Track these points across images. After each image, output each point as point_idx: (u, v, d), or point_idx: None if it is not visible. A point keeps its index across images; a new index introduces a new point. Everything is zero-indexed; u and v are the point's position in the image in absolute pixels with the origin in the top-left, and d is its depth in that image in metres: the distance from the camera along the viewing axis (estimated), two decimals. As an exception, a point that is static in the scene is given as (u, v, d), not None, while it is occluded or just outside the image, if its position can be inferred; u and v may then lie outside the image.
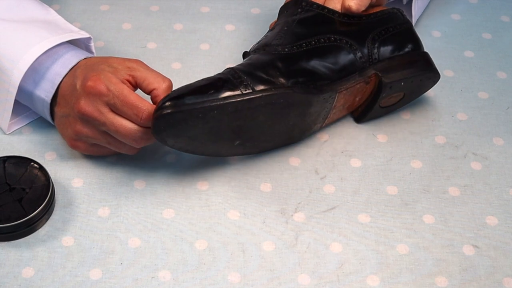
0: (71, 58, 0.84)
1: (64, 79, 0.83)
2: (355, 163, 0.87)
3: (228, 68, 0.82)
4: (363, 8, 0.87)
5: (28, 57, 0.82)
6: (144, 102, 0.79)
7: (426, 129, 0.91)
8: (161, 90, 0.81)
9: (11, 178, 0.81)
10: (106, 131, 0.80)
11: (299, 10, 0.87)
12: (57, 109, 0.83)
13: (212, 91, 0.77)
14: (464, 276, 0.78)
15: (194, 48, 1.00)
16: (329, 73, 0.84)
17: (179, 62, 0.98)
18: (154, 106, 0.80)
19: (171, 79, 0.83)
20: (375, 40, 0.86)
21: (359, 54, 0.85)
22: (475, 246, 0.80)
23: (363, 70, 0.85)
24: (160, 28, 1.02)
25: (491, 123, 0.92)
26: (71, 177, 0.85)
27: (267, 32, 0.89)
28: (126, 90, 0.79)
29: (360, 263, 0.78)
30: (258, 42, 0.87)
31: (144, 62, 0.83)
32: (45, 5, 0.90)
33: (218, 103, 0.77)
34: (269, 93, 0.79)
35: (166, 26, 1.03)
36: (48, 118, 0.85)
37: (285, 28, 0.86)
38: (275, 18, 1.04)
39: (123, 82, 0.80)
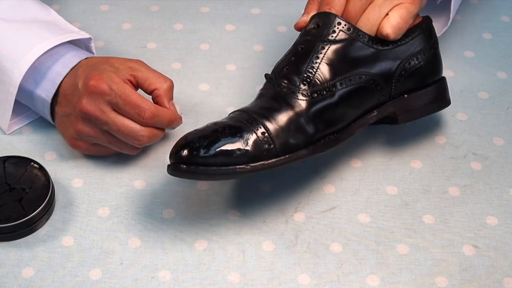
0: (72, 58, 0.84)
1: (65, 78, 0.83)
2: (355, 163, 0.87)
3: (253, 114, 0.77)
4: (400, 36, 0.82)
5: (29, 57, 0.82)
6: (146, 102, 0.79)
7: (426, 129, 0.91)
8: (162, 90, 0.82)
9: (11, 178, 0.81)
10: (108, 131, 0.80)
11: (331, 31, 0.79)
12: (58, 109, 0.84)
13: (237, 153, 0.75)
14: (464, 276, 0.78)
15: (194, 48, 1.00)
16: (351, 117, 0.81)
17: (179, 62, 0.98)
18: (156, 105, 0.80)
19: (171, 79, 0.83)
20: (401, 75, 0.83)
21: (382, 92, 0.82)
22: (475, 246, 0.80)
23: (382, 107, 0.83)
24: (160, 28, 1.02)
25: (491, 123, 0.92)
26: (71, 177, 0.85)
27: (293, 47, 0.81)
28: (128, 90, 0.79)
29: (360, 263, 0.78)
30: (286, 67, 0.80)
31: (145, 62, 0.84)
32: (45, 5, 0.90)
33: (241, 172, 0.75)
34: (292, 160, 0.77)
35: (166, 26, 1.03)
36: (49, 118, 0.85)
37: (316, 56, 0.79)
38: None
39: (124, 82, 0.80)
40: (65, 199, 0.82)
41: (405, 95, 0.84)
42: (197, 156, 0.74)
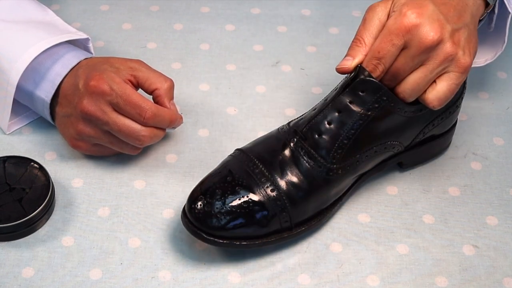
0: (72, 58, 0.84)
1: (66, 79, 0.83)
2: (355, 163, 0.87)
3: (269, 180, 0.76)
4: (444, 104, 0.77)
5: (26, 57, 0.82)
6: (147, 102, 0.79)
7: (426, 129, 0.91)
8: (163, 90, 0.82)
9: (11, 178, 0.81)
10: (109, 131, 0.80)
11: (374, 102, 0.75)
12: (58, 109, 0.84)
13: (254, 231, 0.75)
14: (464, 276, 0.78)
15: (194, 48, 1.00)
16: (361, 173, 0.81)
17: (179, 62, 0.98)
18: (157, 105, 0.80)
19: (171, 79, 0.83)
20: (424, 133, 0.82)
21: (400, 150, 0.81)
22: (475, 246, 0.80)
23: (394, 158, 0.83)
24: (160, 28, 1.02)
25: (491, 123, 0.92)
26: (71, 177, 0.85)
27: (332, 107, 0.76)
28: (129, 90, 0.79)
29: (360, 263, 0.78)
30: (319, 135, 0.77)
31: (145, 62, 0.84)
32: (43, 6, 0.90)
33: (253, 247, 0.76)
34: (302, 233, 0.78)
35: (166, 26, 1.03)
36: (48, 118, 0.85)
37: (352, 129, 0.76)
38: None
39: (125, 82, 0.80)
40: (65, 199, 0.82)
41: (417, 147, 0.83)
42: (211, 223, 0.74)
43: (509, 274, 0.78)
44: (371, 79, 0.75)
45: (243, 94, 0.94)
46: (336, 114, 0.76)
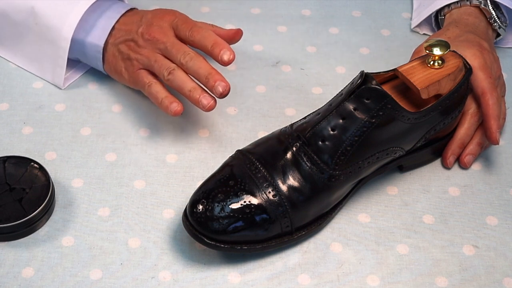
0: (119, 8, 0.89)
1: (121, 19, 0.89)
2: (355, 163, 0.87)
3: (271, 185, 0.75)
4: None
5: (77, 11, 0.87)
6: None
7: (426, 129, 0.91)
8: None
9: (11, 178, 0.81)
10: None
11: (378, 109, 0.75)
12: (111, 41, 0.88)
13: (255, 238, 0.75)
14: (464, 276, 0.78)
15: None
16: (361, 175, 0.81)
17: (179, 62, 0.98)
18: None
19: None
20: (426, 138, 0.82)
21: (401, 154, 0.81)
22: (475, 246, 0.80)
23: (394, 162, 0.82)
24: (160, 28, 1.02)
25: (491, 123, 0.92)
26: (71, 177, 0.85)
27: (336, 113, 0.76)
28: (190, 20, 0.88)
29: (360, 263, 0.78)
30: (322, 141, 0.76)
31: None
32: None
33: (253, 251, 0.76)
34: (303, 237, 0.78)
35: (166, 26, 1.03)
36: (100, 62, 0.90)
37: (355, 136, 0.76)
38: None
39: None
40: (65, 199, 0.82)
41: (417, 150, 0.83)
42: (212, 227, 0.74)
43: (509, 274, 0.78)
44: (377, 86, 0.75)
45: (243, 94, 0.94)
46: (340, 120, 0.76)
